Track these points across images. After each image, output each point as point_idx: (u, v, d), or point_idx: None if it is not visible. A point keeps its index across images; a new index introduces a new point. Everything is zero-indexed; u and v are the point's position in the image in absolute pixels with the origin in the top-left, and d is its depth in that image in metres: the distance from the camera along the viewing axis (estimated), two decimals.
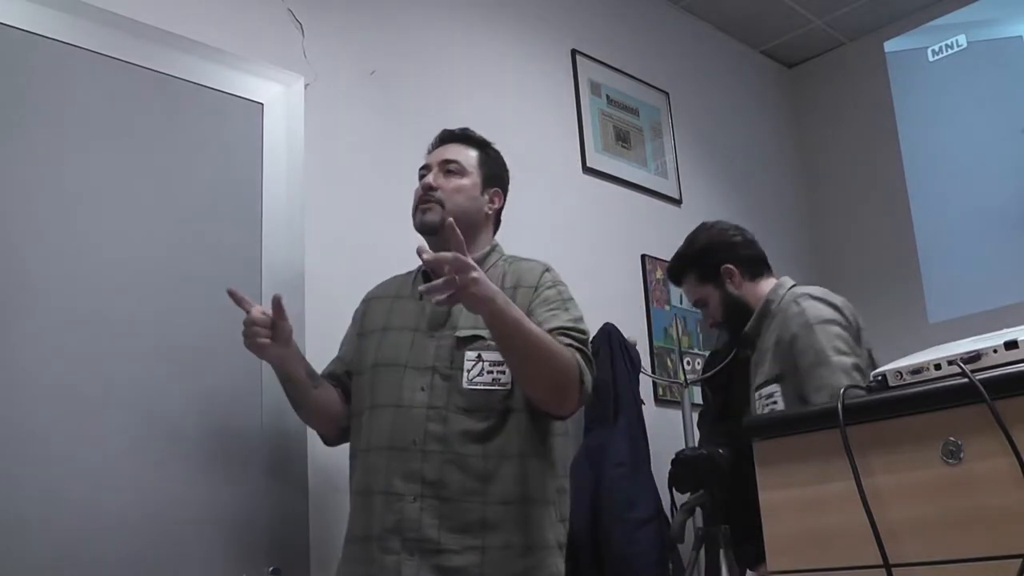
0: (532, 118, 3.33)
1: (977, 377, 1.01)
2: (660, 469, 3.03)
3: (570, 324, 1.86)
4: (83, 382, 1.96)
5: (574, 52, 3.58)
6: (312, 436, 2.32)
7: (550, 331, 1.82)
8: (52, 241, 2.00)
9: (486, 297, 1.66)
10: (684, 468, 2.82)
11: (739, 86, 4.41)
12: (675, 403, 3.36)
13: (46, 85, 2.07)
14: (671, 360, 3.49)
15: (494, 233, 2.11)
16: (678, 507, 2.89)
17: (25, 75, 2.05)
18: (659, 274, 3.59)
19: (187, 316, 2.15)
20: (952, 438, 1.03)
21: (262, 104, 2.44)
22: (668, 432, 3.21)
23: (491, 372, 1.84)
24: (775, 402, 2.06)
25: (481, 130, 2.25)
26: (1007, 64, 3.98)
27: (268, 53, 2.55)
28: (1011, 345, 1.04)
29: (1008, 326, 1.19)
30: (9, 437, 1.84)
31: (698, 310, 2.45)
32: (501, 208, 2.11)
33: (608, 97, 3.66)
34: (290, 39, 2.64)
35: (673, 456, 2.93)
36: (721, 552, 2.60)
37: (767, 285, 2.27)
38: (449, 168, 2.03)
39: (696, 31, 4.27)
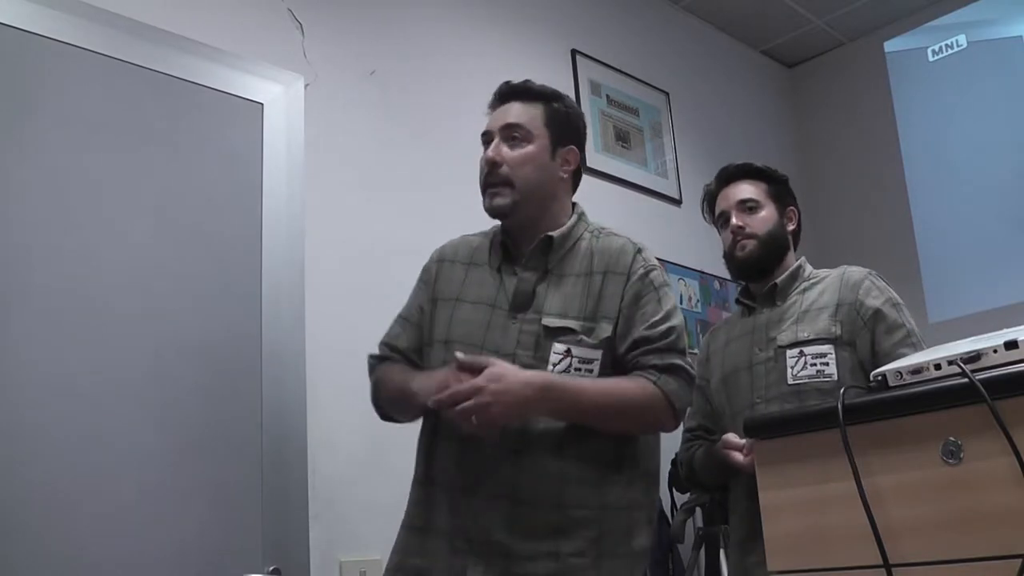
0: None
1: (977, 377, 1.01)
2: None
3: (656, 331, 1.68)
4: (83, 382, 1.96)
5: (574, 52, 3.58)
6: (312, 436, 2.32)
7: (633, 343, 1.68)
8: (53, 240, 2.00)
9: (518, 408, 1.56)
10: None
11: (739, 86, 4.41)
12: None
13: (46, 85, 2.07)
14: None
15: (574, 191, 1.87)
16: (678, 507, 2.90)
17: (25, 75, 2.05)
18: None
19: (187, 315, 2.15)
20: (952, 438, 1.03)
21: (262, 104, 2.45)
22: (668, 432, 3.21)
23: (579, 369, 1.66)
24: (827, 364, 1.96)
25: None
26: (1007, 64, 3.98)
27: (268, 53, 2.55)
28: (1011, 345, 1.04)
29: (1008, 326, 1.19)
30: (9, 435, 1.84)
31: (735, 215, 2.17)
32: (579, 166, 1.87)
33: (608, 97, 3.66)
34: (290, 39, 2.64)
35: (673, 456, 2.94)
36: (721, 552, 2.60)
37: (793, 258, 2.22)
38: (513, 135, 1.78)
39: (696, 31, 4.27)
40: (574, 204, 1.87)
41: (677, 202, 3.78)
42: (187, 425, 2.09)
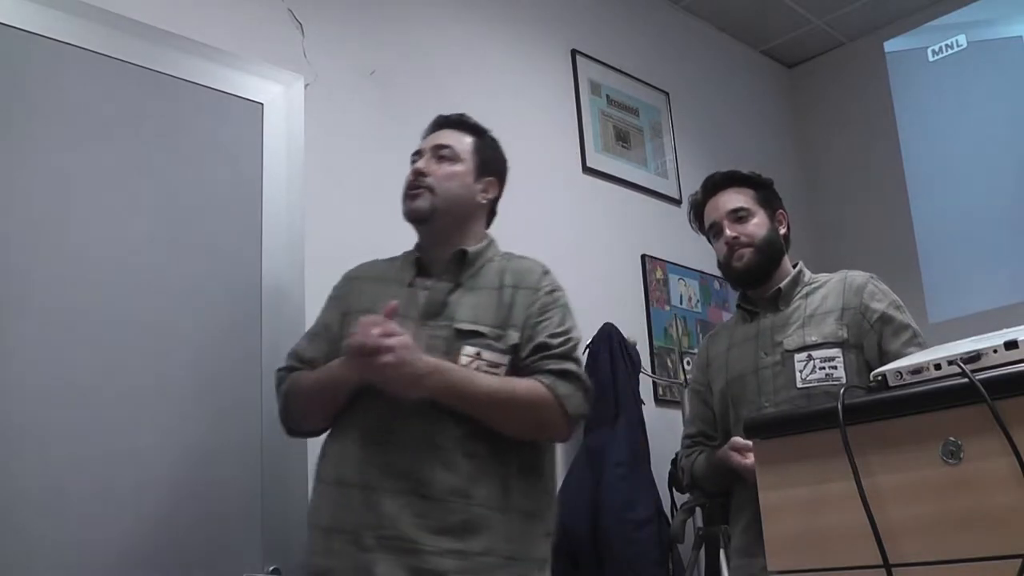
0: (532, 118, 3.33)
1: (977, 377, 1.01)
2: (660, 469, 3.03)
3: (556, 339, 1.80)
4: (82, 382, 1.96)
5: (574, 52, 3.58)
6: None
7: (534, 348, 1.78)
8: (52, 241, 2.00)
9: (411, 379, 1.65)
10: None
11: (739, 86, 4.41)
12: (675, 403, 3.36)
13: (46, 85, 2.07)
14: (671, 360, 3.49)
15: (488, 224, 2.02)
16: (678, 507, 2.90)
17: (25, 75, 2.05)
18: (659, 274, 3.59)
19: (187, 315, 2.15)
20: (952, 438, 1.03)
21: (262, 104, 2.45)
22: (668, 432, 3.21)
23: (487, 372, 1.76)
24: (835, 367, 1.97)
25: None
26: (1007, 64, 3.98)
27: (268, 53, 2.55)
28: (1011, 345, 1.04)
29: (1008, 326, 1.19)
30: (7, 435, 1.84)
31: (726, 224, 2.16)
32: (496, 199, 2.02)
33: (608, 97, 3.66)
34: (290, 39, 2.64)
35: (673, 456, 2.94)
36: (721, 552, 2.60)
37: (788, 261, 2.22)
38: (442, 154, 1.94)
39: (696, 31, 4.27)
40: (486, 234, 1.99)
41: (677, 202, 3.78)
42: (187, 425, 2.09)
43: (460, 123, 2.02)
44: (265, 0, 2.62)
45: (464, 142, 1.97)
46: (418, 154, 1.98)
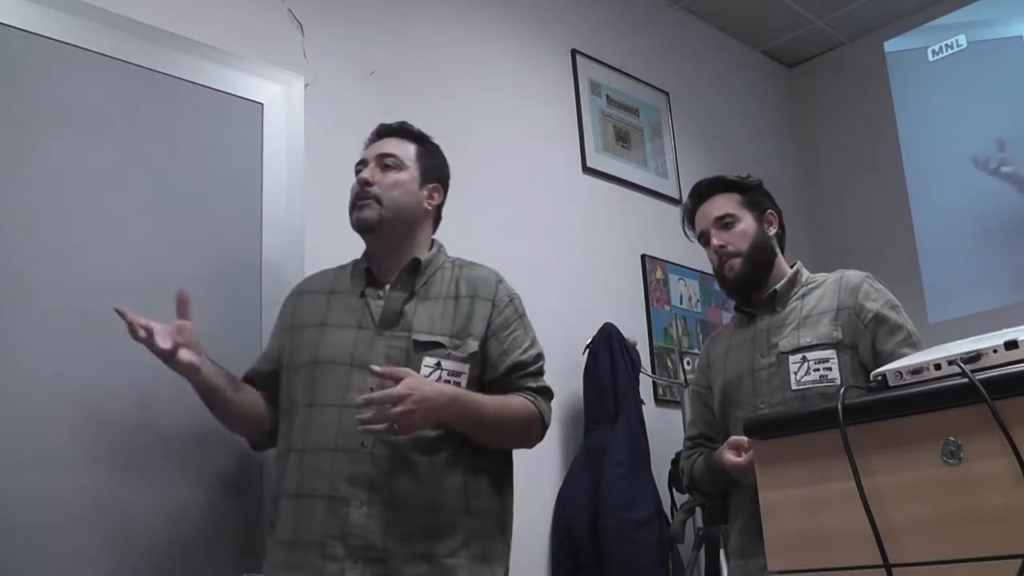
0: (532, 118, 3.33)
1: (977, 377, 1.01)
2: (660, 469, 3.03)
3: (529, 356, 1.91)
4: (82, 382, 1.96)
5: (574, 52, 3.58)
6: None
7: (511, 367, 1.86)
8: (51, 241, 2.00)
9: (433, 415, 1.71)
10: None
11: (739, 86, 4.41)
12: (675, 403, 3.36)
13: (46, 85, 2.07)
14: (671, 360, 3.49)
15: (434, 230, 2.04)
16: (678, 507, 2.90)
17: (25, 75, 2.05)
18: (659, 274, 3.59)
19: None
20: (952, 438, 1.03)
21: (262, 104, 2.44)
22: (668, 432, 3.21)
23: (448, 381, 1.80)
24: (829, 369, 1.97)
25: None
26: (1007, 64, 3.98)
27: (268, 53, 2.55)
28: (1011, 345, 1.04)
29: (1008, 326, 1.19)
30: (8, 435, 1.84)
31: (713, 233, 2.17)
32: (441, 204, 2.05)
33: (608, 97, 3.66)
34: (290, 39, 2.64)
35: (673, 456, 2.95)
36: (721, 552, 2.60)
37: (783, 260, 2.21)
38: (386, 163, 1.96)
39: (696, 31, 4.27)
40: (433, 240, 2.03)
41: (677, 202, 3.77)
42: (188, 424, 2.08)
43: (402, 131, 2.04)
44: (265, 0, 2.62)
45: (408, 150, 2.00)
46: (362, 163, 1.99)
